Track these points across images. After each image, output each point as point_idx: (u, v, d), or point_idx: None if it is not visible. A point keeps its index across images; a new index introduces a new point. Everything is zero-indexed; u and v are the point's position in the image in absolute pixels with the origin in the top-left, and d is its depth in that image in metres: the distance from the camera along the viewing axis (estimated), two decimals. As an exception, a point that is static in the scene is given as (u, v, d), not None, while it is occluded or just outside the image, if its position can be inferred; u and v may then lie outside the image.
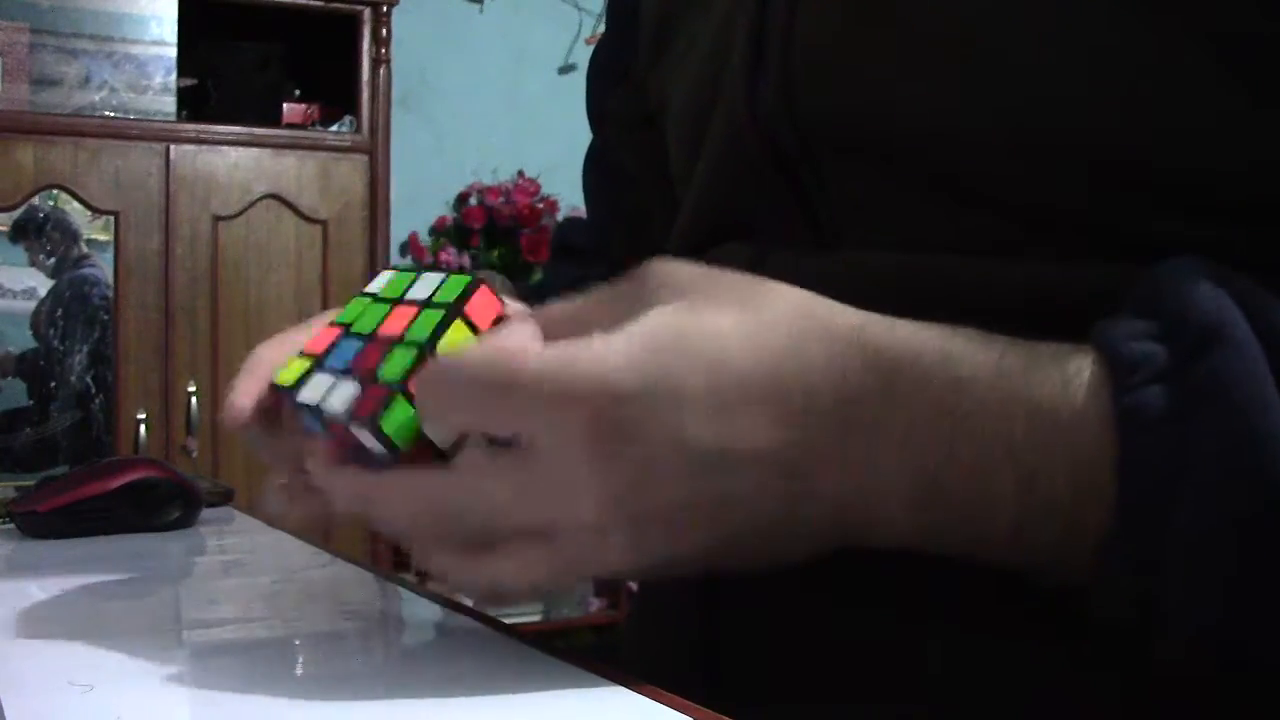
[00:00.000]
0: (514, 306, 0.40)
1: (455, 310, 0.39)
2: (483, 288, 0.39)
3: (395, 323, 0.40)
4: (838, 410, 0.34)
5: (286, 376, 0.42)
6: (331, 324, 0.43)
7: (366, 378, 0.39)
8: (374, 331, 0.41)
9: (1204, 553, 0.31)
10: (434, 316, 0.39)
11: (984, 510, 0.34)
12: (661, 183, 0.58)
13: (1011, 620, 0.38)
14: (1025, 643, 0.38)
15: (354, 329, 0.42)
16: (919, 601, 0.40)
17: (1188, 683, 0.35)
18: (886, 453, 0.34)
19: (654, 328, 0.34)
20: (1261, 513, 0.31)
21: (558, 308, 0.38)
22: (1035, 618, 0.37)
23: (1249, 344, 0.32)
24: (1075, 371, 0.33)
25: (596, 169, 0.70)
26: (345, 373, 0.40)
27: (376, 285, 0.44)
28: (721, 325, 0.35)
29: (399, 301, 0.41)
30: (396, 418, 0.37)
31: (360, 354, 0.40)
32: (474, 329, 0.39)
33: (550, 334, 0.37)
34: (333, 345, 0.42)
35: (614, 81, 0.66)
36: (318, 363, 0.41)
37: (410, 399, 0.37)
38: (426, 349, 0.38)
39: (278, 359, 0.44)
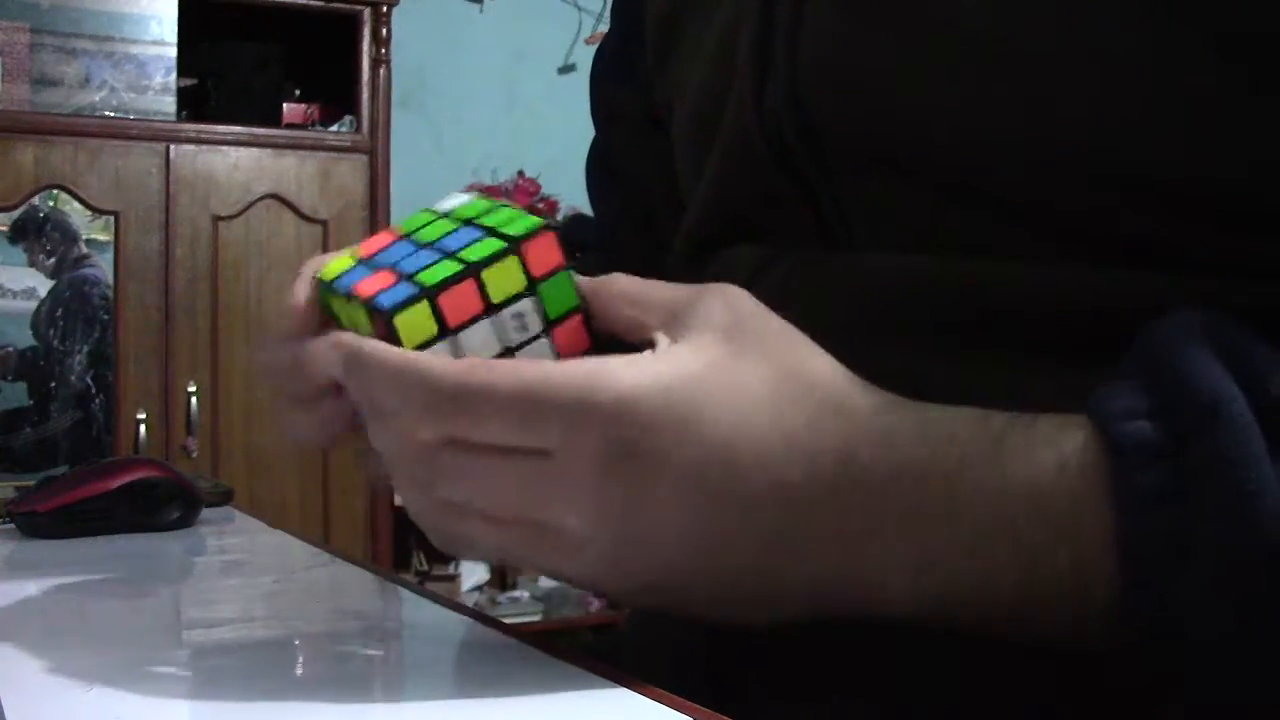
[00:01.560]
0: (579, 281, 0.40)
1: (514, 246, 0.38)
2: (549, 234, 0.38)
3: (454, 239, 0.39)
4: (841, 488, 0.35)
5: (331, 271, 0.41)
6: (389, 231, 0.42)
7: (403, 275, 0.38)
8: (431, 242, 0.40)
9: (1208, 628, 0.32)
10: (493, 245, 0.38)
11: (985, 588, 0.34)
12: (668, 183, 0.58)
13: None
14: (1018, 647, 0.38)
15: (411, 237, 0.41)
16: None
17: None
18: (885, 531, 0.35)
19: (691, 363, 0.35)
20: (1263, 593, 0.31)
21: (620, 284, 0.39)
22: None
23: (1246, 423, 0.31)
24: (1073, 451, 0.34)
25: (601, 168, 0.70)
26: (388, 269, 0.39)
27: (447, 204, 0.42)
28: (753, 382, 0.35)
29: (466, 222, 0.40)
30: (412, 319, 0.37)
31: (409, 257, 0.39)
32: (526, 270, 0.38)
33: (604, 309, 0.38)
34: (385, 248, 0.41)
35: (619, 81, 0.66)
36: (365, 261, 0.41)
37: (435, 309, 0.37)
38: (473, 270, 0.37)
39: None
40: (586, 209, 0.74)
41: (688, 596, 0.37)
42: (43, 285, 2.36)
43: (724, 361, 0.36)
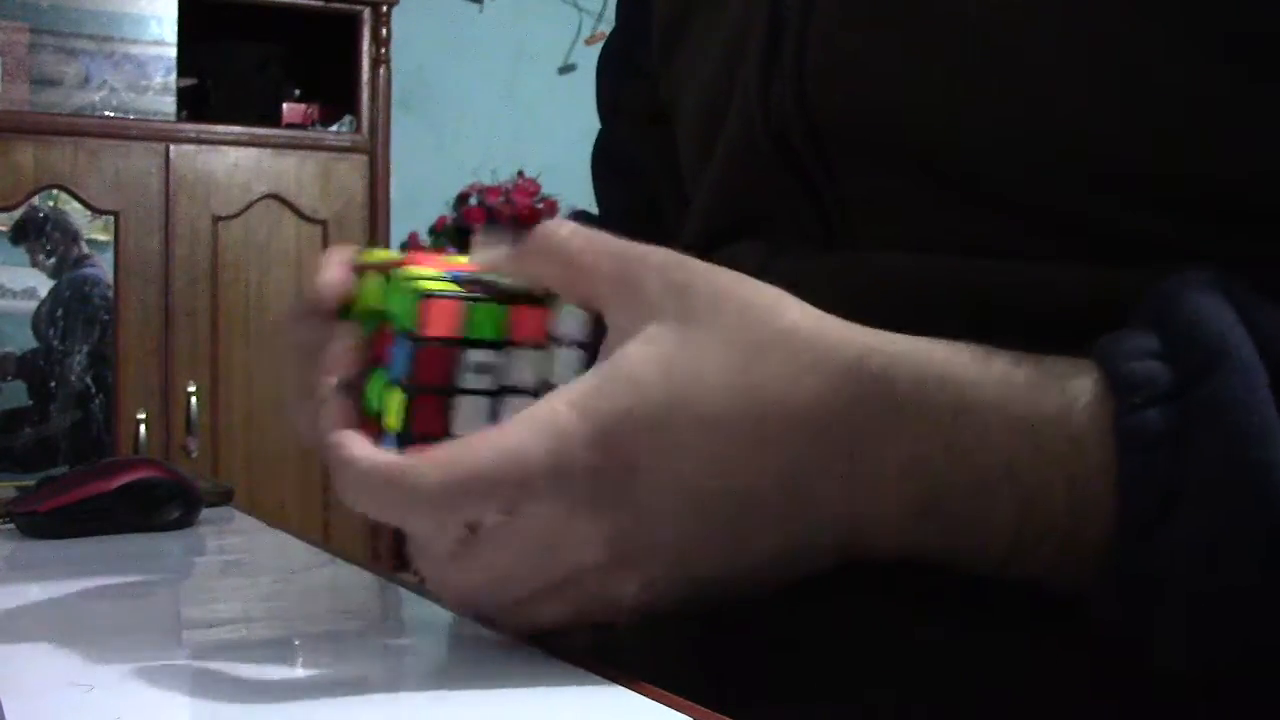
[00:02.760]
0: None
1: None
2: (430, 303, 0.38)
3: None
4: (839, 438, 0.35)
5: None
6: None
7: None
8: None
9: (1199, 572, 0.32)
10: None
11: (983, 528, 0.35)
12: (673, 179, 0.58)
13: (1009, 611, 0.38)
14: (1023, 634, 0.38)
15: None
16: (918, 594, 0.40)
17: (1187, 682, 0.35)
18: (888, 477, 0.35)
19: (642, 371, 0.35)
20: (1255, 536, 0.31)
21: (566, 252, 0.38)
22: (1034, 609, 0.37)
23: (1253, 367, 0.32)
24: (1078, 391, 0.34)
25: (606, 163, 0.70)
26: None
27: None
28: (709, 369, 0.35)
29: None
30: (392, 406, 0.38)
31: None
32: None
33: (571, 281, 0.38)
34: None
35: (625, 75, 0.66)
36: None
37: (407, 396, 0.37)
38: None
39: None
40: (587, 208, 0.74)
41: (731, 587, 0.38)
42: (43, 285, 2.36)
43: (670, 351, 0.36)
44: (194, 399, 2.38)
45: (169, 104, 2.42)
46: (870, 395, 0.35)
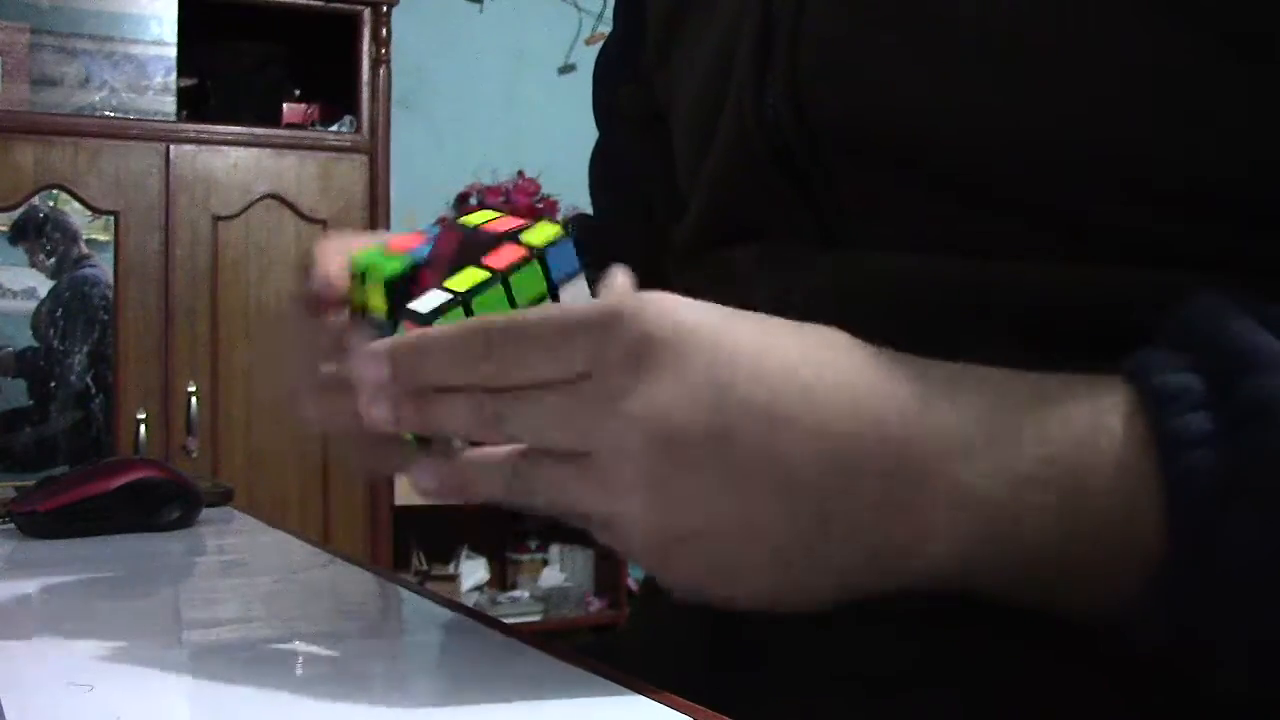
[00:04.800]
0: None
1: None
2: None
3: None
4: (883, 439, 0.34)
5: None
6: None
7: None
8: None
9: (1258, 566, 0.31)
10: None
11: (1019, 537, 0.34)
12: (669, 181, 0.58)
13: (1003, 615, 0.38)
14: (1023, 639, 0.38)
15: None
16: (915, 598, 0.40)
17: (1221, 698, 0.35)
18: (935, 486, 0.34)
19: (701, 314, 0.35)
20: None
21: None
22: (1027, 613, 0.37)
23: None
24: (1111, 405, 0.33)
25: (604, 165, 0.70)
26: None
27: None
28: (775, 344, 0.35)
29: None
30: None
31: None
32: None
33: None
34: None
35: (621, 78, 0.66)
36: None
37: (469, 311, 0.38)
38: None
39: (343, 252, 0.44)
40: (587, 208, 0.74)
41: (741, 576, 0.36)
42: (43, 285, 2.36)
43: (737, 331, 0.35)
44: (194, 399, 2.38)
45: (169, 104, 2.42)
46: (919, 395, 0.35)
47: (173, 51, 2.42)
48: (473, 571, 3.04)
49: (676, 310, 0.34)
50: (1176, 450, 0.32)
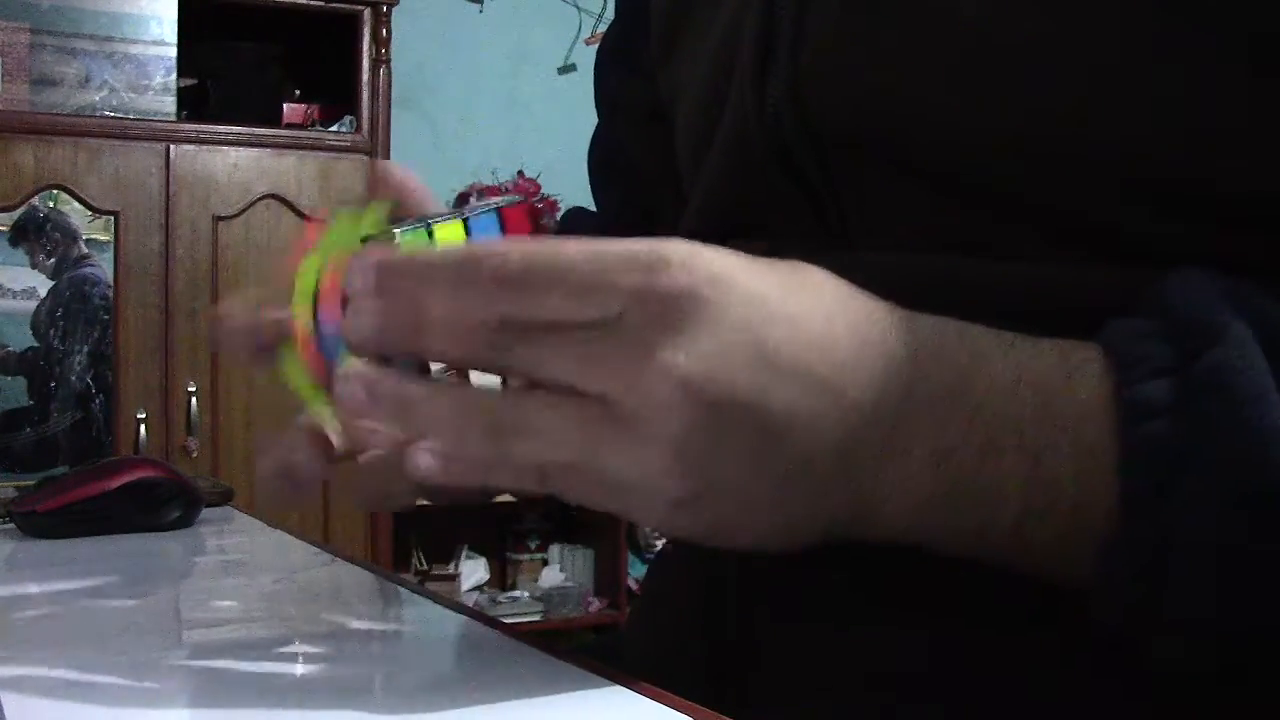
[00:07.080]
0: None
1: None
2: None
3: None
4: (874, 379, 0.34)
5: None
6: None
7: None
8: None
9: (1207, 539, 0.32)
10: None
11: (992, 492, 0.34)
12: (669, 177, 0.58)
13: (1002, 614, 0.38)
14: (1015, 638, 0.38)
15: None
16: (914, 598, 0.40)
17: (1185, 681, 0.35)
18: (910, 427, 0.34)
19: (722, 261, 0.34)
20: (1262, 501, 0.31)
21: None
22: (1027, 612, 0.37)
23: (1249, 342, 0.32)
24: (1079, 364, 0.34)
25: (604, 160, 0.70)
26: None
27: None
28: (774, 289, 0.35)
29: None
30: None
31: None
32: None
33: None
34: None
35: (623, 73, 0.66)
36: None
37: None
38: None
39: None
40: (585, 208, 0.74)
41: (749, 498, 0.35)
42: (43, 285, 2.36)
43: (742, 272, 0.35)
44: (194, 399, 2.38)
45: (169, 104, 2.42)
46: (902, 343, 0.35)
47: (173, 51, 2.42)
48: (473, 571, 3.04)
49: (714, 261, 0.33)
50: (1134, 418, 0.33)
